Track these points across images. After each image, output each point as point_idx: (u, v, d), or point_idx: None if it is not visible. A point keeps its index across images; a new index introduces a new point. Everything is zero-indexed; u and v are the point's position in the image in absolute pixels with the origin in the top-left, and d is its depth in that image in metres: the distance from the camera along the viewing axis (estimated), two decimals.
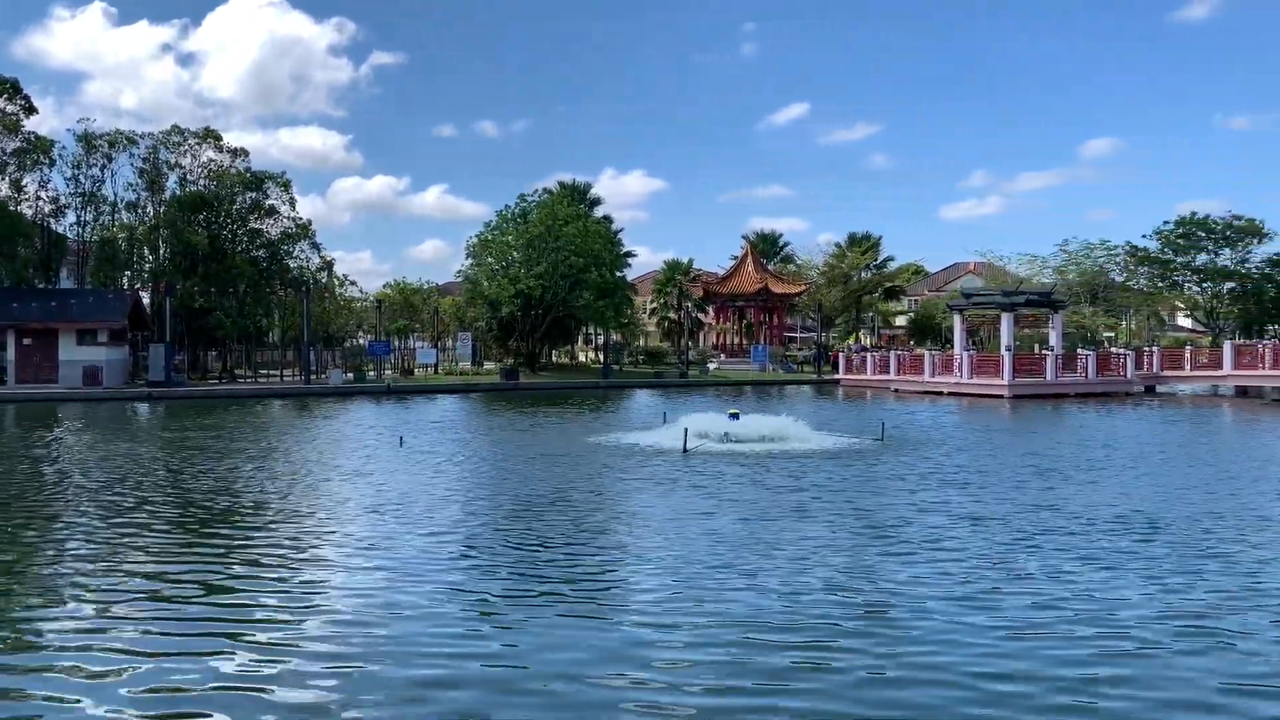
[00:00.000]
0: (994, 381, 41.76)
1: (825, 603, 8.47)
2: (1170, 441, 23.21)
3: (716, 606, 8.31)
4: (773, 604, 8.44)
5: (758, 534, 11.37)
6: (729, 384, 51.79)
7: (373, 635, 7.63)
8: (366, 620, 7.99)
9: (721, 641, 7.39)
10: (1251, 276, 65.93)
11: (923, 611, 8.21)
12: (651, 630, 7.67)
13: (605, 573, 9.68)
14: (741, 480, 15.74)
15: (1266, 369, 40.16)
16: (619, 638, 7.53)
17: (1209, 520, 12.26)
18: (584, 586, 9.13)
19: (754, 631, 7.61)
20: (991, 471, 17.26)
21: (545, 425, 27.38)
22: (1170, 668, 6.86)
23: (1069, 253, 74.49)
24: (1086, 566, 9.80)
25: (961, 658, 7.06)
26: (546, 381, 51.53)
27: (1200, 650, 7.23)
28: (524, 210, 57.18)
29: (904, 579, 9.32)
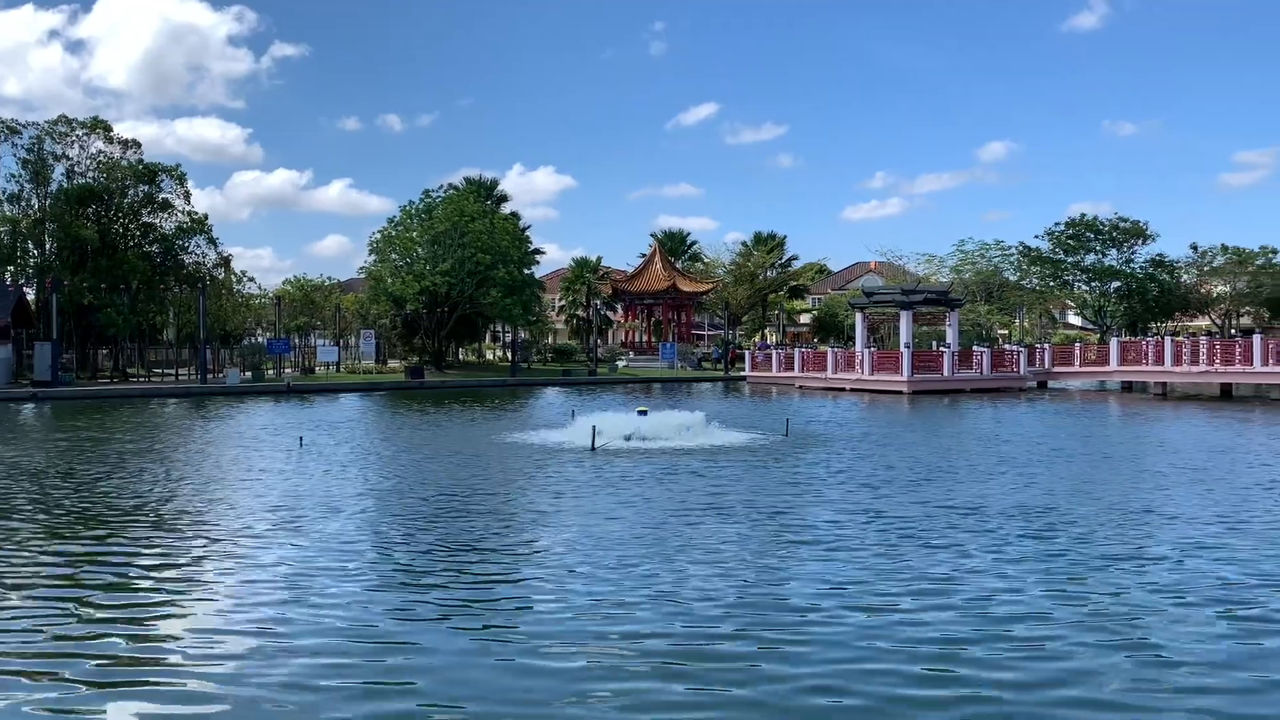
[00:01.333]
0: (894, 377, 42.79)
1: (727, 600, 8.52)
2: (1061, 434, 24.07)
3: (622, 615, 8.13)
4: (677, 602, 8.48)
5: (663, 534, 11.40)
6: (638, 382, 51.99)
7: (251, 653, 7.14)
8: (246, 637, 7.47)
9: (632, 652, 7.27)
10: (1136, 276, 68.91)
11: (822, 608, 8.35)
12: (555, 641, 7.43)
13: (508, 578, 9.51)
14: (649, 478, 15.79)
15: (1149, 365, 42.02)
16: (518, 649, 7.33)
17: (1099, 509, 12.76)
18: (485, 592, 8.95)
19: (658, 637, 7.56)
20: (892, 466, 17.65)
21: (451, 424, 27.07)
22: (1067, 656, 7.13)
23: (965, 252, 76.91)
24: (980, 557, 10.09)
25: (857, 653, 7.20)
26: (453, 380, 50.96)
27: (1095, 639, 7.52)
28: (429, 206, 56.42)
29: (806, 575, 9.46)
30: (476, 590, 8.94)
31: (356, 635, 7.51)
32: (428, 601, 8.52)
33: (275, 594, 8.72)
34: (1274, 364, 37.15)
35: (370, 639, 7.43)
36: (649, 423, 21.66)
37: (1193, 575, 9.35)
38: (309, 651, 7.12)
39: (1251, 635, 7.51)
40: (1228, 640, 7.40)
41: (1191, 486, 14.97)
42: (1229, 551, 10.35)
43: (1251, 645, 7.29)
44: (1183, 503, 13.45)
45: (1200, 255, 73.49)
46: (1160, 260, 69.97)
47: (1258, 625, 7.77)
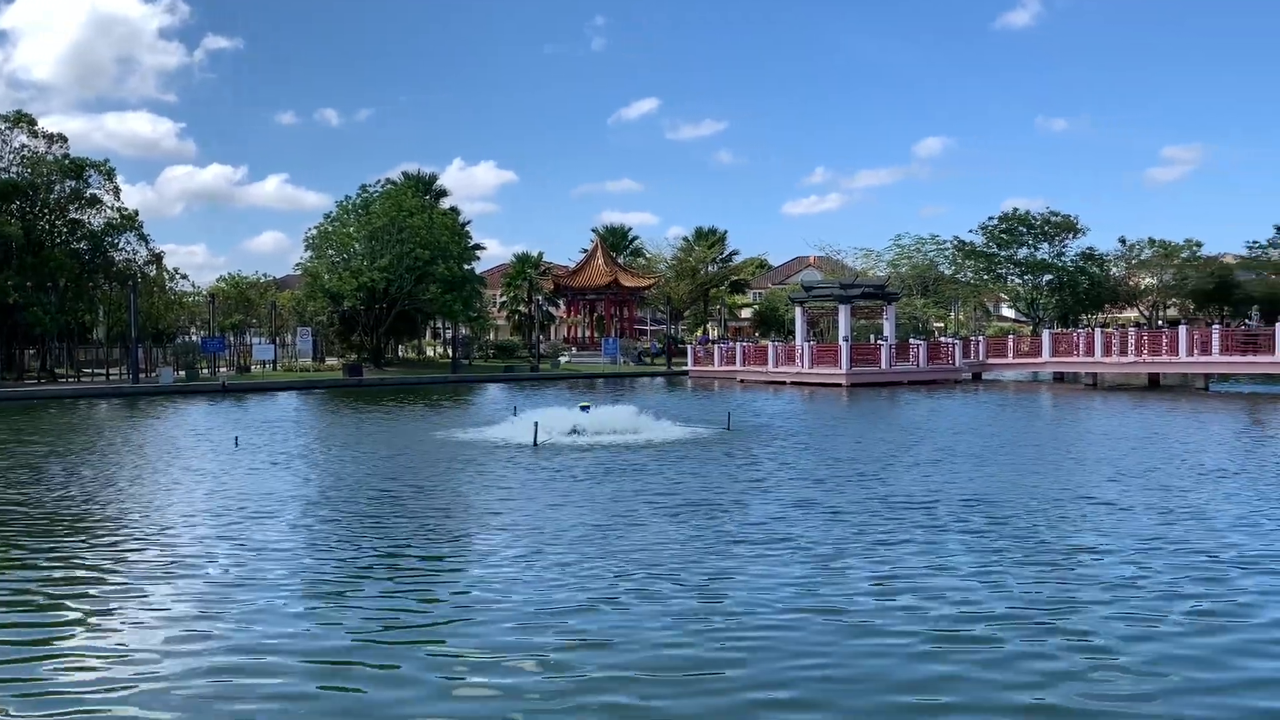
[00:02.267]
0: (833, 371, 43.29)
1: (672, 603, 8.54)
2: (995, 425, 24.58)
3: (565, 621, 8.02)
4: (620, 605, 8.50)
5: (606, 532, 11.42)
6: (580, 377, 51.93)
7: (172, 665, 6.95)
8: (168, 649, 7.25)
9: (576, 663, 7.23)
10: (1067, 269, 70.51)
11: (767, 606, 8.44)
12: (497, 653, 7.20)
13: (449, 582, 9.37)
14: (592, 474, 15.81)
15: (1080, 356, 43.06)
16: (458, 661, 7.24)
17: (1036, 499, 13.06)
18: (424, 597, 8.80)
19: (604, 646, 7.51)
20: (833, 459, 17.88)
21: (391, 422, 26.80)
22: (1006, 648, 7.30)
23: (902, 247, 78.14)
24: (921, 548, 10.28)
25: (798, 648, 7.30)
26: (392, 377, 50.42)
27: (1030, 628, 7.71)
28: (366, 201, 55.71)
29: (748, 569, 9.56)
30: (415, 596, 8.76)
31: (285, 650, 7.13)
32: (364, 608, 8.36)
33: (202, 604, 8.39)
34: (1198, 354, 38.29)
35: (300, 654, 7.11)
36: (591, 418, 21.66)
37: (1132, 564, 9.62)
38: (233, 670, 6.73)
39: (1190, 619, 7.78)
40: (1179, 631, 7.64)
41: (1121, 476, 15.36)
42: (1168, 540, 10.67)
43: (1197, 632, 7.54)
44: (1114, 492, 13.81)
45: (1128, 249, 75.50)
46: (1090, 254, 71.69)
47: (1198, 614, 8.03)
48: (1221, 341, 38.13)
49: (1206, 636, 7.26)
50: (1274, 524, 11.25)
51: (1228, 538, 10.54)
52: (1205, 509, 12.20)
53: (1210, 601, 8.14)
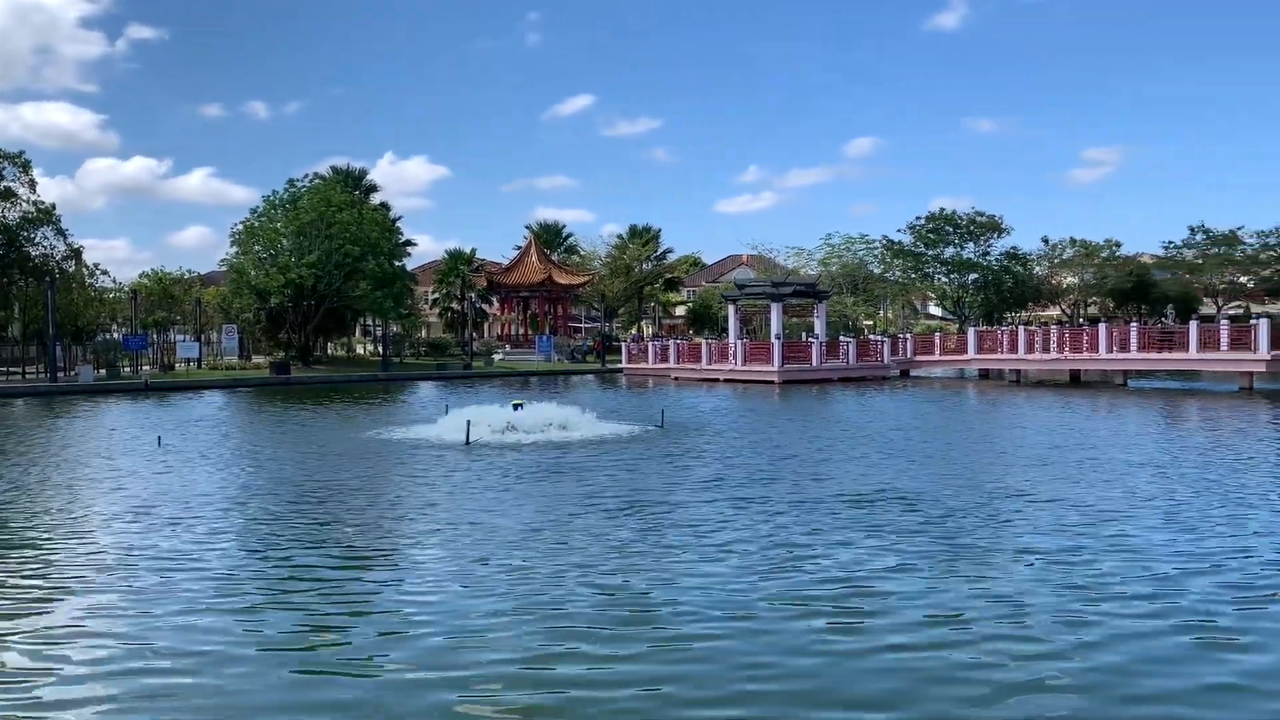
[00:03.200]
0: (765, 368, 43.69)
1: (607, 605, 8.53)
2: (922, 421, 25.05)
3: (497, 629, 7.91)
4: (554, 606, 8.48)
5: (538, 531, 11.38)
6: (514, 375, 51.65)
7: (79, 679, 6.79)
8: (78, 659, 7.07)
9: (511, 672, 7.27)
10: (992, 268, 72.05)
11: (702, 605, 8.50)
12: (423, 668, 7.16)
13: (376, 585, 9.25)
14: (524, 472, 15.74)
15: (1004, 353, 44.06)
16: (385, 675, 7.24)
17: (963, 492, 13.34)
18: (350, 604, 8.65)
19: (538, 650, 7.51)
20: (763, 454, 18.05)
21: (319, 421, 26.36)
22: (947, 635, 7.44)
23: (832, 246, 79.15)
24: (853, 542, 10.43)
25: (727, 645, 7.36)
26: (321, 375, 49.62)
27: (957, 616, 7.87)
28: (294, 196, 54.70)
29: (684, 570, 9.60)
30: (340, 602, 8.53)
31: (200, 662, 6.88)
32: (287, 612, 8.20)
33: (115, 612, 8.10)
34: (1118, 351, 39.44)
35: (216, 661, 6.91)
36: (524, 416, 21.57)
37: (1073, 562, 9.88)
38: (142, 693, 6.37)
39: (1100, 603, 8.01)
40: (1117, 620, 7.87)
41: (1042, 467, 15.75)
42: (1088, 530, 10.98)
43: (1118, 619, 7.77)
44: (1037, 483, 14.14)
45: (1051, 248, 77.43)
46: (1014, 253, 73.33)
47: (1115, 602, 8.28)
48: (1139, 339, 39.33)
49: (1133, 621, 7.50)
50: (1177, 510, 11.65)
51: (1140, 528, 10.87)
52: (1118, 499, 12.57)
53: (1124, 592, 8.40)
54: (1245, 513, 11.83)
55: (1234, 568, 9.19)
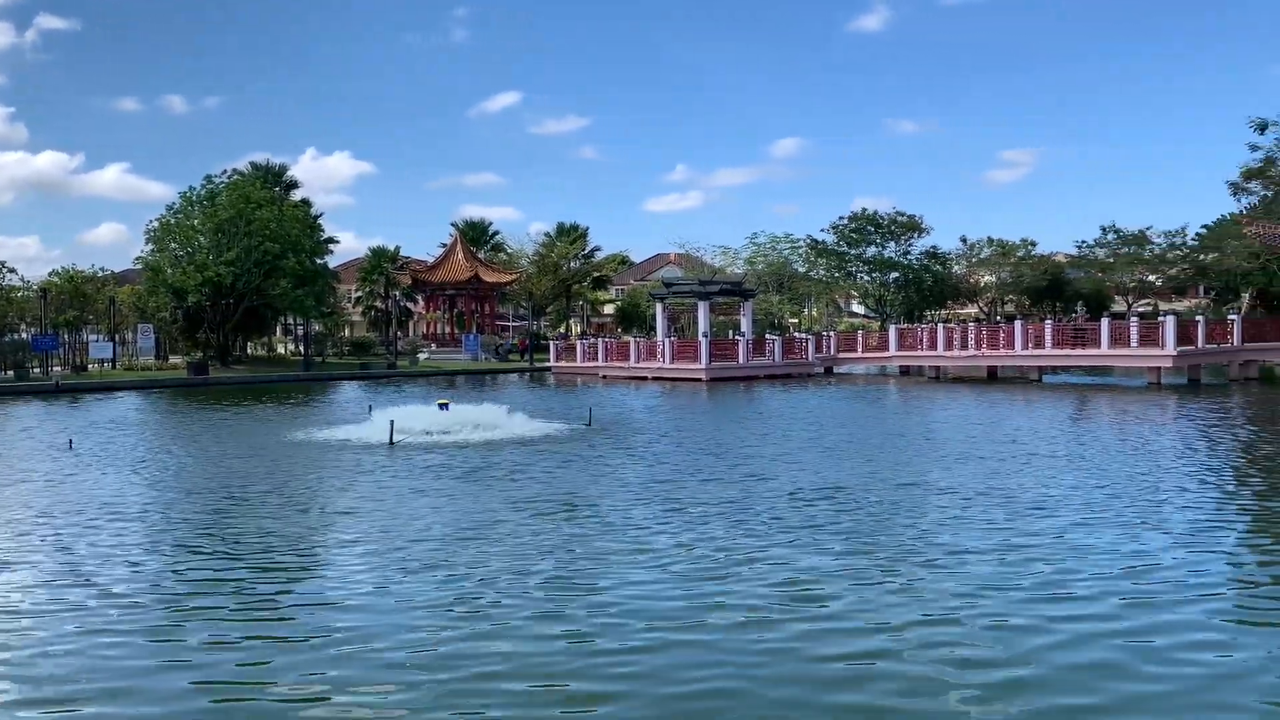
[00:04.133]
0: (693, 366, 43.96)
1: (537, 605, 8.54)
2: (844, 416, 25.45)
3: (423, 638, 7.77)
4: (482, 612, 8.44)
5: (465, 533, 11.30)
6: (440, 374, 51.11)
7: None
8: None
9: (438, 682, 7.24)
10: (912, 267, 73.53)
11: (628, 605, 8.52)
12: (339, 686, 7.09)
13: (296, 591, 9.07)
14: (450, 473, 15.60)
15: (924, 350, 44.99)
16: (308, 660, 7.17)
17: (887, 487, 13.59)
18: (269, 611, 8.46)
19: (468, 653, 7.48)
20: (692, 451, 18.17)
21: (237, 423, 25.77)
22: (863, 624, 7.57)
23: (758, 245, 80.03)
24: (779, 537, 10.56)
25: (669, 655, 7.40)
26: (241, 375, 48.51)
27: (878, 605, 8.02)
28: (212, 192, 53.36)
29: (614, 573, 9.63)
30: (258, 609, 8.35)
31: (109, 673, 6.69)
32: (204, 620, 8.01)
33: (16, 622, 7.84)
34: (1033, 348, 40.54)
35: (126, 674, 6.73)
36: (450, 416, 21.37)
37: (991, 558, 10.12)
38: (49, 703, 6.24)
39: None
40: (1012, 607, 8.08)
41: (964, 463, 16.14)
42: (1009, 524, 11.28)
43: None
44: (961, 478, 14.48)
45: (969, 247, 79.30)
46: (934, 252, 74.91)
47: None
48: (1053, 336, 40.49)
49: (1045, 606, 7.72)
50: (1082, 498, 12.05)
51: (1051, 519, 11.22)
52: (1032, 491, 12.94)
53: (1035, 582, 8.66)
54: (1156, 505, 12.26)
55: (1152, 564, 9.52)
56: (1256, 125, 57.72)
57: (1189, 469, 15.26)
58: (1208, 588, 8.47)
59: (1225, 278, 62.37)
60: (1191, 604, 7.97)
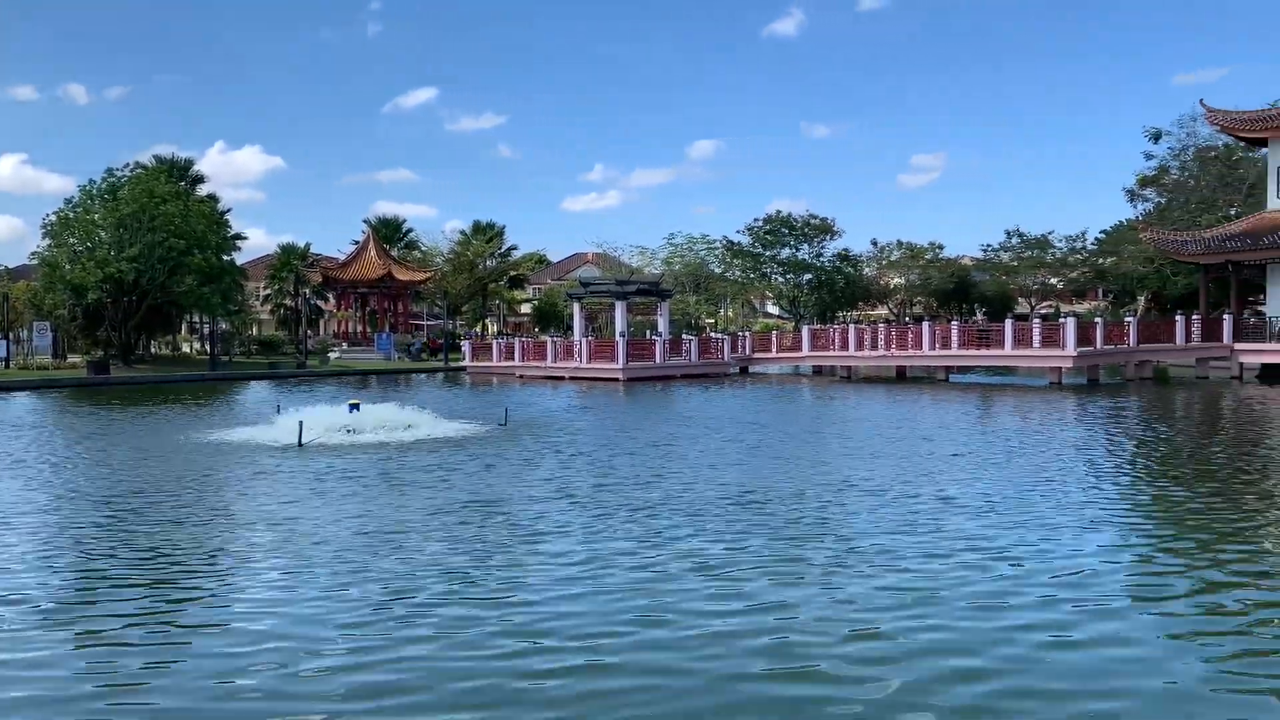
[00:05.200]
0: (610, 366, 44.02)
1: (446, 611, 8.47)
2: (760, 415, 25.75)
3: (326, 650, 7.79)
4: (401, 617, 8.31)
5: (376, 537, 11.14)
6: (352, 374, 50.26)
7: None
8: None
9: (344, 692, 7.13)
10: (825, 269, 74.78)
11: (548, 607, 8.50)
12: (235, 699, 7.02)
13: (197, 599, 8.85)
14: (361, 475, 15.34)
15: (836, 350, 45.78)
16: (208, 668, 7.01)
17: (800, 485, 13.79)
18: (168, 620, 8.22)
19: (378, 663, 7.41)
20: (608, 451, 18.18)
21: (139, 423, 24.93)
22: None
23: (675, 246, 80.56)
24: (696, 537, 10.64)
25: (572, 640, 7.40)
26: (144, 375, 46.98)
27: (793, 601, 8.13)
28: (114, 186, 51.54)
29: (520, 563, 9.60)
30: (157, 620, 8.10)
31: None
32: (99, 630, 7.74)
33: None
34: (940, 349, 41.59)
35: (13, 685, 6.51)
36: (361, 416, 21.03)
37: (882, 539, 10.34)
38: None
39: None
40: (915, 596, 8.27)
41: (875, 459, 16.48)
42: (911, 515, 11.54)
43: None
44: (874, 475, 14.77)
45: (880, 250, 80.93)
46: (846, 254, 76.30)
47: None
48: (960, 337, 41.60)
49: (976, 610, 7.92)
50: (987, 490, 12.43)
51: (958, 514, 11.53)
52: (939, 487, 13.29)
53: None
54: (1060, 500, 12.70)
55: (1051, 552, 9.85)
56: (1151, 134, 60.40)
57: (1086, 464, 15.83)
58: (1101, 574, 8.80)
59: (1122, 281, 64.86)
60: (1084, 587, 8.27)
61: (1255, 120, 42.17)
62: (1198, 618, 7.81)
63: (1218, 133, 48.79)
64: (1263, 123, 41.67)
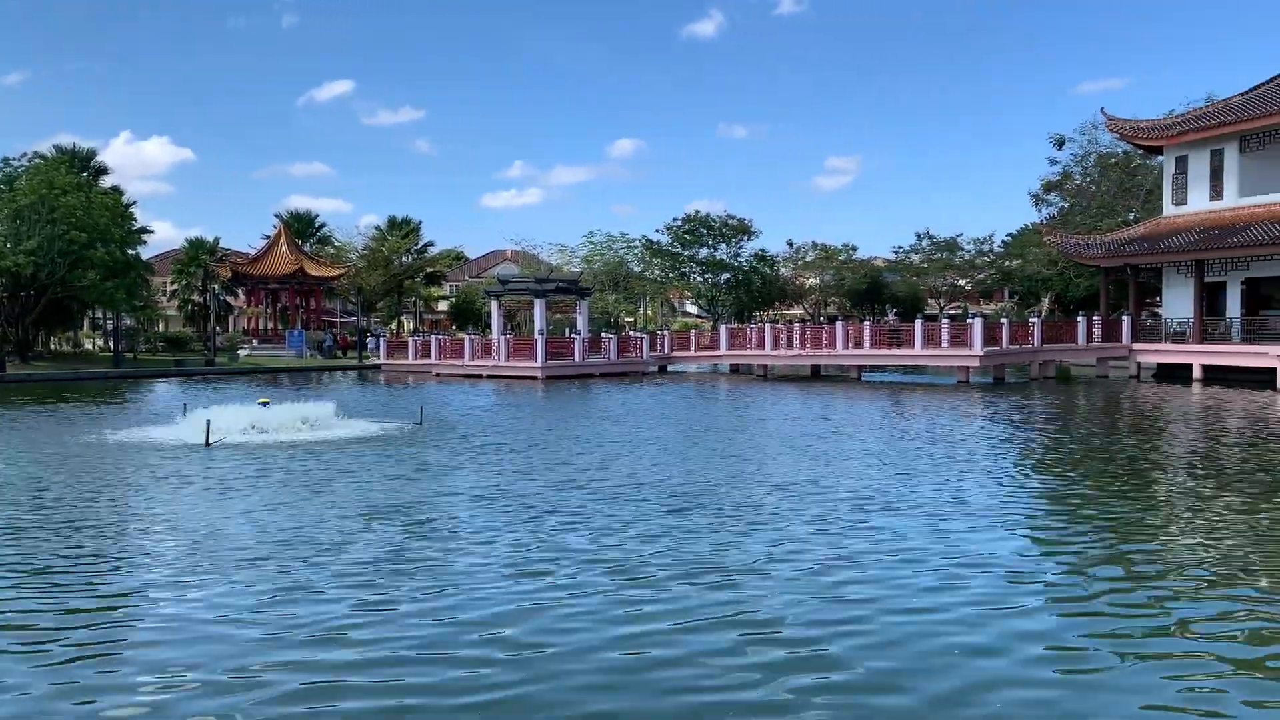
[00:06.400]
0: (529, 364, 43.83)
1: (356, 606, 8.38)
2: (679, 412, 25.93)
3: (239, 651, 7.67)
4: (309, 627, 8.18)
5: (285, 537, 10.94)
6: (262, 372, 49.13)
7: None
8: None
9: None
10: (742, 269, 75.53)
11: (460, 610, 8.45)
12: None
13: (100, 613, 8.58)
14: (270, 475, 15.04)
15: (753, 349, 46.32)
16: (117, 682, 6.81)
17: (719, 483, 13.94)
18: (69, 625, 7.97)
19: (291, 676, 7.29)
20: (522, 449, 18.12)
21: (36, 423, 23.99)
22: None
23: (595, 244, 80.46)
24: (613, 535, 10.69)
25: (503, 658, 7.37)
26: (43, 372, 45.22)
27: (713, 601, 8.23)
28: (9, 176, 49.51)
29: (437, 570, 9.53)
30: (56, 627, 7.87)
31: None
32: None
33: None
34: (853, 348, 42.37)
35: None
36: (271, 415, 20.61)
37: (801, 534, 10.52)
38: None
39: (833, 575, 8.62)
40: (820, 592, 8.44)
41: (788, 455, 16.74)
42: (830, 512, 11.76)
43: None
44: (794, 472, 15.02)
45: (795, 251, 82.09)
46: (762, 255, 77.19)
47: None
48: (872, 336, 42.43)
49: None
50: (893, 482, 12.76)
51: (866, 508, 11.81)
52: (850, 482, 13.59)
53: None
54: (958, 493, 13.08)
55: (959, 543, 10.15)
56: (1055, 141, 62.41)
57: (990, 458, 16.33)
58: (999, 560, 9.12)
59: (1027, 283, 66.84)
60: (982, 575, 8.56)
61: (1152, 129, 43.90)
62: (1069, 591, 8.14)
63: (1118, 140, 50.56)
64: (1159, 131, 43.39)
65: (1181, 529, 11.13)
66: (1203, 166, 41.59)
